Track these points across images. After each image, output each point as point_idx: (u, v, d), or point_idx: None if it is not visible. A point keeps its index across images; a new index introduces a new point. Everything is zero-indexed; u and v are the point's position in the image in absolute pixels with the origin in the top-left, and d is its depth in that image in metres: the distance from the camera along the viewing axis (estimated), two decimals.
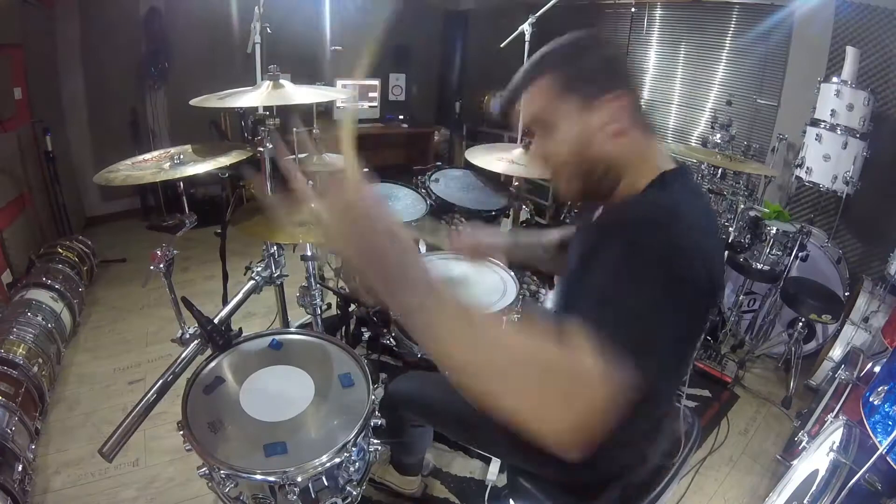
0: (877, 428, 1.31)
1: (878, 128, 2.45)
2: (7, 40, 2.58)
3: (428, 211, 2.09)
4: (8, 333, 1.88)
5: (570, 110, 0.83)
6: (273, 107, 1.38)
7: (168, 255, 1.12)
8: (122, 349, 2.40)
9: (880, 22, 2.53)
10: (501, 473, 1.71)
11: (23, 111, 2.75)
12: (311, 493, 1.02)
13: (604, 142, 0.83)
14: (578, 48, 0.86)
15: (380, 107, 4.71)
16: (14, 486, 1.39)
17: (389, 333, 1.61)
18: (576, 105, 0.82)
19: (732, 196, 2.53)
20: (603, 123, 0.82)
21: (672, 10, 3.58)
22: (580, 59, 0.84)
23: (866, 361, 1.83)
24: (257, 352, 1.29)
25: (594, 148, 0.83)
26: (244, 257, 1.71)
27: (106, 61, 3.50)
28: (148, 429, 1.86)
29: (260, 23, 1.76)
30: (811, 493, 1.27)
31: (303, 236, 1.30)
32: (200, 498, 1.66)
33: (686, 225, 0.73)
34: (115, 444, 0.99)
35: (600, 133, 0.82)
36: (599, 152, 0.83)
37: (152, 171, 1.18)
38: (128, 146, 3.58)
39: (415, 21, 4.95)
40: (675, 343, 0.72)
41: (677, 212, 0.75)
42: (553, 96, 0.84)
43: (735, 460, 2.01)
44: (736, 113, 2.98)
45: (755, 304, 2.74)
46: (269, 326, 2.32)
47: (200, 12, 3.68)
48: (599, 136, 0.82)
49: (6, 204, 2.48)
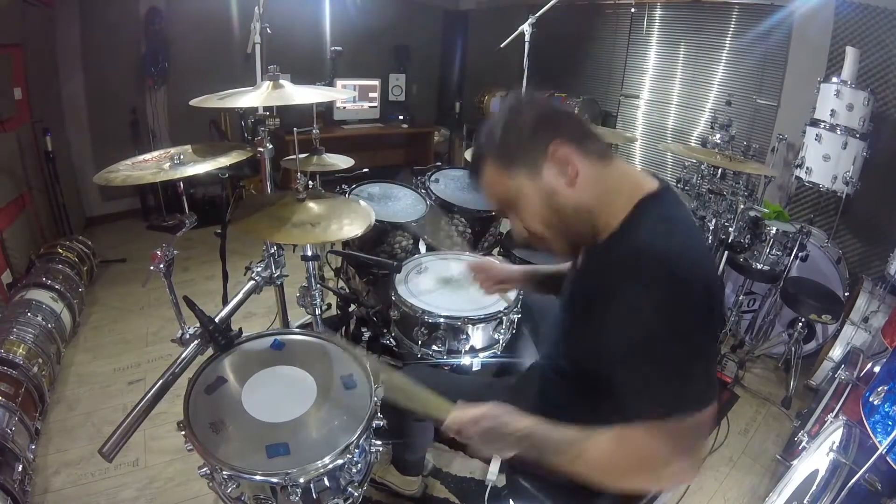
0: (877, 428, 1.31)
1: (878, 128, 2.45)
2: (7, 40, 2.57)
3: (428, 211, 2.09)
4: (8, 333, 1.88)
5: (520, 182, 0.85)
6: (273, 107, 1.38)
7: (168, 255, 1.11)
8: (122, 349, 2.40)
9: (880, 22, 2.54)
10: (501, 473, 1.70)
11: (23, 111, 2.75)
12: (312, 493, 1.01)
13: (566, 193, 0.84)
14: (500, 126, 0.87)
15: (380, 107, 4.71)
16: (14, 486, 1.39)
17: (389, 333, 1.61)
18: (524, 175, 0.85)
19: (732, 196, 2.53)
20: (555, 177, 0.83)
21: (672, 10, 3.58)
22: (505, 136, 0.86)
23: (866, 361, 1.83)
24: (259, 352, 1.28)
25: (560, 202, 0.84)
26: (244, 257, 1.71)
27: (106, 61, 3.50)
28: (148, 429, 1.87)
29: (260, 23, 1.76)
30: (811, 493, 1.27)
31: (302, 236, 1.30)
32: (200, 498, 1.66)
33: (671, 260, 0.74)
34: (115, 444, 0.99)
35: (558, 187, 0.84)
36: (566, 204, 0.84)
37: (152, 171, 1.18)
38: (128, 146, 3.59)
39: (415, 21, 4.96)
40: (706, 365, 0.79)
41: (658, 251, 0.75)
42: (500, 177, 0.87)
43: (735, 460, 2.01)
44: (736, 113, 2.98)
45: (755, 304, 2.74)
46: (269, 326, 2.32)
47: (200, 12, 3.68)
48: (559, 189, 0.84)
49: (6, 204, 2.48)
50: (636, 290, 0.73)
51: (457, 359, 1.45)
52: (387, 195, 2.18)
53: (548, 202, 0.85)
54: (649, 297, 0.72)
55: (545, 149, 0.83)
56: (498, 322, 1.46)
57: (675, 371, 0.72)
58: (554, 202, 0.84)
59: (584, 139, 0.85)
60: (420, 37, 5.05)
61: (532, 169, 0.84)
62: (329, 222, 1.32)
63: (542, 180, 0.84)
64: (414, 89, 5.10)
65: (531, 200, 0.86)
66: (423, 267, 1.71)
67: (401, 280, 1.59)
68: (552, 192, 0.84)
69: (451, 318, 1.42)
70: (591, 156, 0.84)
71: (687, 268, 0.74)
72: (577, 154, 0.83)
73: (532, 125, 0.85)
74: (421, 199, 2.18)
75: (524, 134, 0.85)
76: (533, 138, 0.84)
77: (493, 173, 0.88)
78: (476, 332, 1.44)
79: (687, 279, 0.72)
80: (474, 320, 1.42)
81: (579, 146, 0.84)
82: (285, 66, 1.45)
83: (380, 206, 2.06)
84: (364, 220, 1.35)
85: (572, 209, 0.85)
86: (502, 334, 1.48)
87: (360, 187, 2.18)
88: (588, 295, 0.87)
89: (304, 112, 1.94)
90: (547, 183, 0.84)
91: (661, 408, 0.71)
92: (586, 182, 0.83)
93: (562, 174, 0.83)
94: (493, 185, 0.89)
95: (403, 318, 1.51)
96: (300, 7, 4.02)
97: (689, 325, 0.72)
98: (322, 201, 1.41)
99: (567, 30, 3.91)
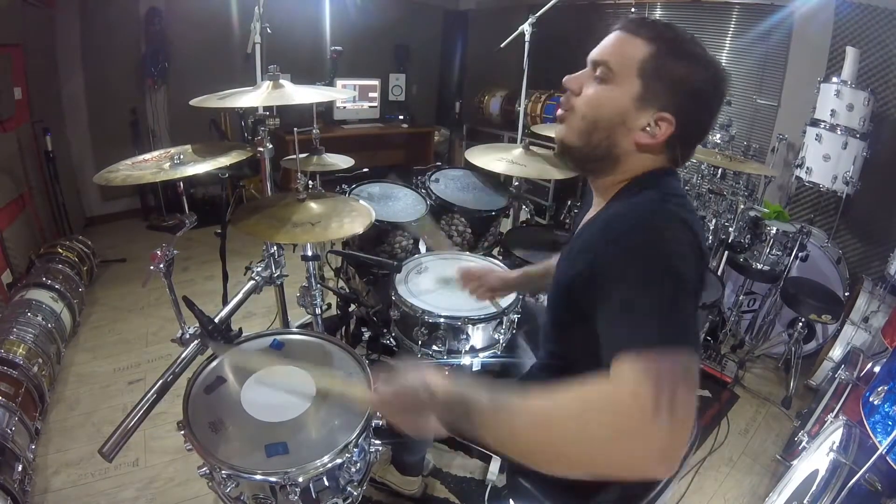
0: (877, 428, 1.31)
1: (878, 128, 2.45)
2: (7, 40, 2.57)
3: (428, 211, 2.09)
4: (8, 333, 1.88)
5: (631, 87, 0.79)
6: (273, 107, 1.38)
7: (168, 255, 1.12)
8: (122, 349, 2.40)
9: (880, 22, 2.53)
10: (501, 473, 1.71)
11: (23, 111, 2.75)
12: (311, 493, 1.02)
13: (623, 136, 0.82)
14: (699, 65, 0.79)
15: (380, 107, 4.71)
16: (14, 486, 1.39)
17: (389, 333, 1.61)
18: (639, 90, 0.79)
19: (732, 196, 2.53)
20: (637, 126, 0.80)
21: (672, 10, 3.58)
22: (688, 69, 0.78)
23: (866, 361, 1.83)
24: (259, 352, 1.29)
25: (616, 132, 0.82)
26: (244, 257, 1.71)
27: (106, 61, 3.50)
28: (148, 429, 1.87)
29: (260, 23, 1.76)
30: (811, 493, 1.27)
31: (302, 235, 1.30)
32: (200, 498, 1.66)
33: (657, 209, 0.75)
34: (115, 444, 0.99)
35: (631, 129, 0.81)
36: (616, 139, 0.82)
37: (152, 171, 1.18)
38: (128, 146, 3.59)
39: (415, 21, 4.96)
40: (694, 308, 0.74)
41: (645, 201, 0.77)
42: (638, 64, 0.79)
43: (735, 460, 2.01)
44: (736, 113, 2.98)
45: (755, 304, 2.74)
46: (269, 326, 2.32)
47: (200, 12, 3.68)
48: (628, 130, 0.81)
49: (6, 204, 2.48)
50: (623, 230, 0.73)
51: (457, 359, 1.45)
52: (387, 195, 2.18)
53: (612, 117, 0.81)
54: (635, 235, 0.71)
55: (667, 112, 0.78)
56: (498, 322, 1.46)
57: (664, 300, 0.64)
58: (612, 124, 0.81)
59: (684, 150, 0.84)
60: (420, 37, 5.05)
61: (645, 99, 0.78)
62: (329, 221, 1.33)
63: (633, 110, 0.79)
64: (414, 89, 5.10)
65: (613, 98, 0.80)
66: (423, 267, 1.71)
67: (401, 280, 1.59)
68: (621, 121, 0.80)
69: (452, 318, 1.42)
70: (671, 156, 0.84)
71: (673, 212, 0.74)
72: (666, 143, 0.81)
73: (692, 96, 0.79)
74: (421, 199, 2.18)
75: (688, 87, 0.78)
76: (682, 96, 0.78)
77: (640, 52, 0.78)
78: (476, 332, 1.44)
79: (673, 220, 0.72)
80: (474, 320, 1.42)
81: (675, 144, 0.82)
82: (285, 66, 1.45)
83: (380, 206, 2.06)
84: (364, 218, 1.35)
85: (610, 144, 0.83)
86: (503, 334, 1.48)
87: (359, 187, 2.18)
88: (576, 253, 0.86)
89: (304, 112, 1.94)
90: (630, 115, 0.80)
91: (647, 335, 0.61)
92: (642, 156, 0.83)
93: (640, 131, 0.80)
94: (622, 53, 0.80)
95: (403, 318, 1.51)
96: (300, 7, 4.01)
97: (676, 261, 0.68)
98: (322, 201, 1.42)
99: (567, 30, 3.91)
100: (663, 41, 0.78)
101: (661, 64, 0.78)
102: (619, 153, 0.83)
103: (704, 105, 0.81)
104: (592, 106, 0.82)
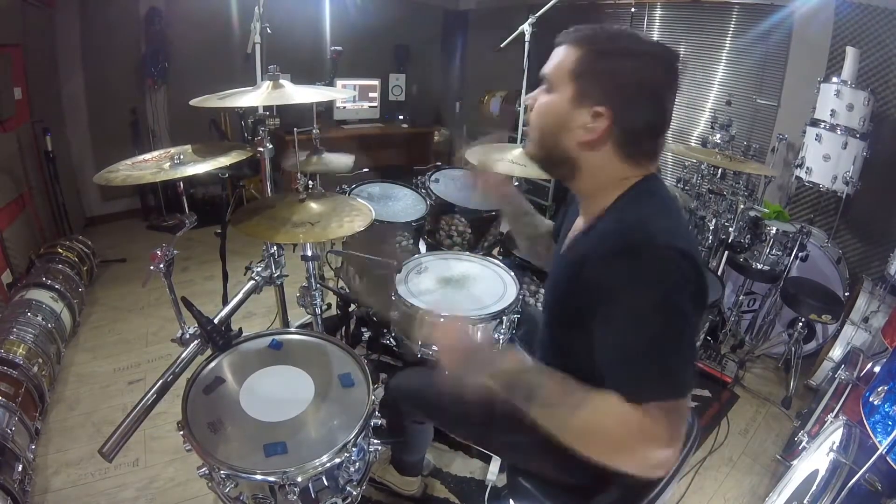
0: (877, 428, 1.31)
1: (878, 128, 2.45)
2: (7, 40, 2.57)
3: (428, 211, 2.09)
4: (8, 333, 1.88)
5: (567, 92, 0.85)
6: (273, 107, 1.38)
7: (168, 255, 1.12)
8: (122, 349, 2.40)
9: (880, 22, 2.53)
10: (501, 473, 1.71)
11: (23, 111, 2.75)
12: (310, 492, 1.02)
13: (568, 137, 0.86)
14: (630, 57, 0.84)
15: (380, 107, 4.71)
16: (14, 486, 1.39)
17: (389, 333, 1.61)
18: (573, 92, 0.85)
19: (732, 196, 2.53)
20: (576, 125, 0.85)
21: (672, 10, 3.57)
22: (617, 63, 0.83)
23: (866, 361, 1.83)
24: (257, 352, 1.29)
25: (561, 136, 0.87)
26: (244, 257, 1.71)
27: (106, 61, 3.50)
28: (148, 429, 1.87)
29: (260, 23, 1.76)
30: (811, 493, 1.27)
31: (303, 236, 1.30)
32: (200, 498, 1.66)
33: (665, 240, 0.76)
34: (115, 444, 0.99)
35: (571, 129, 0.85)
36: (563, 142, 0.87)
37: (152, 171, 1.18)
38: (128, 146, 3.58)
39: (415, 21, 4.95)
40: (690, 351, 0.78)
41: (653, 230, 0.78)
42: (569, 69, 0.85)
43: (735, 460, 2.01)
44: (736, 113, 2.97)
45: (755, 304, 2.74)
46: (269, 326, 2.32)
47: (200, 12, 3.68)
48: (569, 131, 0.86)
49: (6, 204, 2.48)
50: (620, 262, 0.76)
51: None
52: (387, 195, 2.18)
53: (557, 122, 0.87)
54: (630, 267, 0.75)
55: (600, 106, 0.82)
56: (498, 322, 1.46)
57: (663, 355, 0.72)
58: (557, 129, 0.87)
59: (632, 139, 0.85)
60: (420, 37, 5.05)
61: (579, 98, 0.84)
62: (329, 221, 1.32)
63: (572, 111, 0.84)
64: (414, 89, 5.10)
65: (555, 106, 0.87)
66: (423, 267, 1.71)
67: (401, 280, 1.59)
68: (564, 124, 0.86)
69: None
70: (625, 151, 0.85)
71: (665, 234, 0.77)
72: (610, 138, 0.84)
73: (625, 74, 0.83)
74: (421, 199, 2.18)
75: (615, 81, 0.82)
76: (610, 90, 0.82)
77: (572, 58, 0.85)
78: (476, 332, 1.44)
79: (666, 245, 0.75)
80: (474, 320, 1.42)
81: (621, 136, 0.84)
82: (285, 66, 1.45)
83: (380, 206, 2.07)
84: (364, 217, 1.35)
85: (562, 149, 0.88)
86: (503, 334, 1.48)
87: (360, 187, 2.18)
88: (570, 272, 0.87)
89: (304, 112, 1.94)
90: (570, 117, 0.85)
91: (648, 388, 0.71)
92: (595, 154, 0.86)
93: (580, 129, 0.84)
94: (558, 63, 0.87)
95: (403, 318, 1.51)
96: (300, 7, 4.01)
97: (674, 296, 0.73)
98: (322, 200, 1.42)
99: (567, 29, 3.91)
100: (591, 42, 0.85)
101: (590, 63, 0.84)
102: (573, 156, 0.88)
103: (643, 92, 0.84)
104: (539, 115, 0.91)
